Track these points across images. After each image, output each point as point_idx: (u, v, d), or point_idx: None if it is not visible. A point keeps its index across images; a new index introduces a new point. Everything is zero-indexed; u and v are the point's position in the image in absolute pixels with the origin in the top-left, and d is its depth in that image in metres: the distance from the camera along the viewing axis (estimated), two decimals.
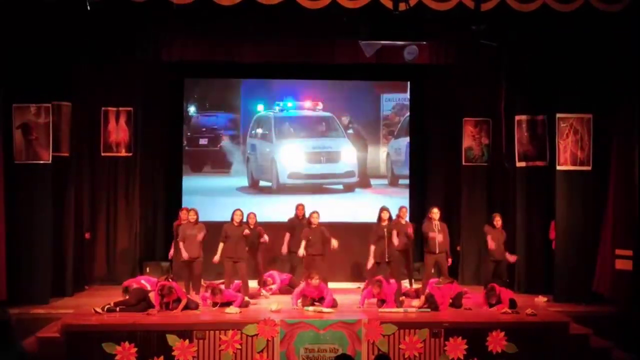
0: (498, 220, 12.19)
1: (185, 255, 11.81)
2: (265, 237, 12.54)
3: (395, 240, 11.66)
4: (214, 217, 13.14)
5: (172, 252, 12.59)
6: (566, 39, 12.00)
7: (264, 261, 12.77)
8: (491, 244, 12.05)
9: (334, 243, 11.88)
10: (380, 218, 11.86)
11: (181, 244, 11.88)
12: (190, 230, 11.92)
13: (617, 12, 10.97)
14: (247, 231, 11.79)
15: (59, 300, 11.79)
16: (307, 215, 12.43)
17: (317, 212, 12.18)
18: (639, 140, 11.29)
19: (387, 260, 11.71)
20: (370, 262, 11.70)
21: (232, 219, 11.84)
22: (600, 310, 11.57)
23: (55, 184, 11.93)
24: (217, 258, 11.79)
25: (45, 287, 11.62)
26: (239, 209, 11.94)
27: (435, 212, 12.07)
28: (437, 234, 11.96)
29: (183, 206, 13.34)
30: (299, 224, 12.62)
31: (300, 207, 12.95)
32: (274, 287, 12.55)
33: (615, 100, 11.97)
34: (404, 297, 11.72)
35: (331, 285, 11.94)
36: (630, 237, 11.50)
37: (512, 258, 12.30)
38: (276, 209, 13.93)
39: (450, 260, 12.28)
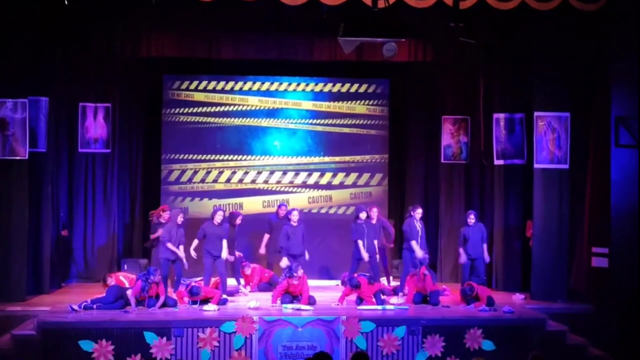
0: (472, 218, 12.20)
1: (183, 255, 11.62)
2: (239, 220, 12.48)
3: (376, 244, 11.81)
4: (193, 214, 13.09)
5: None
6: (545, 38, 12.05)
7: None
8: (462, 258, 12.12)
9: (306, 256, 12.03)
10: (357, 217, 11.93)
11: (170, 245, 11.63)
12: (175, 230, 11.75)
13: (594, 11, 11.05)
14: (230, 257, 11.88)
15: (35, 297, 11.67)
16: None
17: (296, 210, 12.22)
18: (613, 139, 11.34)
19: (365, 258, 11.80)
20: (365, 256, 11.79)
21: (212, 217, 11.78)
22: (576, 308, 11.64)
23: (32, 181, 11.80)
24: (193, 253, 11.70)
25: (21, 284, 11.51)
26: (220, 210, 11.91)
27: (419, 213, 12.07)
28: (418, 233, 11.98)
29: (162, 204, 13.30)
30: (279, 223, 12.57)
31: (282, 208, 12.90)
32: (247, 289, 12.44)
33: (592, 99, 12.04)
34: (385, 297, 11.74)
35: (309, 282, 11.93)
36: (606, 234, 11.57)
37: (486, 258, 12.30)
38: (256, 205, 13.88)
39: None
